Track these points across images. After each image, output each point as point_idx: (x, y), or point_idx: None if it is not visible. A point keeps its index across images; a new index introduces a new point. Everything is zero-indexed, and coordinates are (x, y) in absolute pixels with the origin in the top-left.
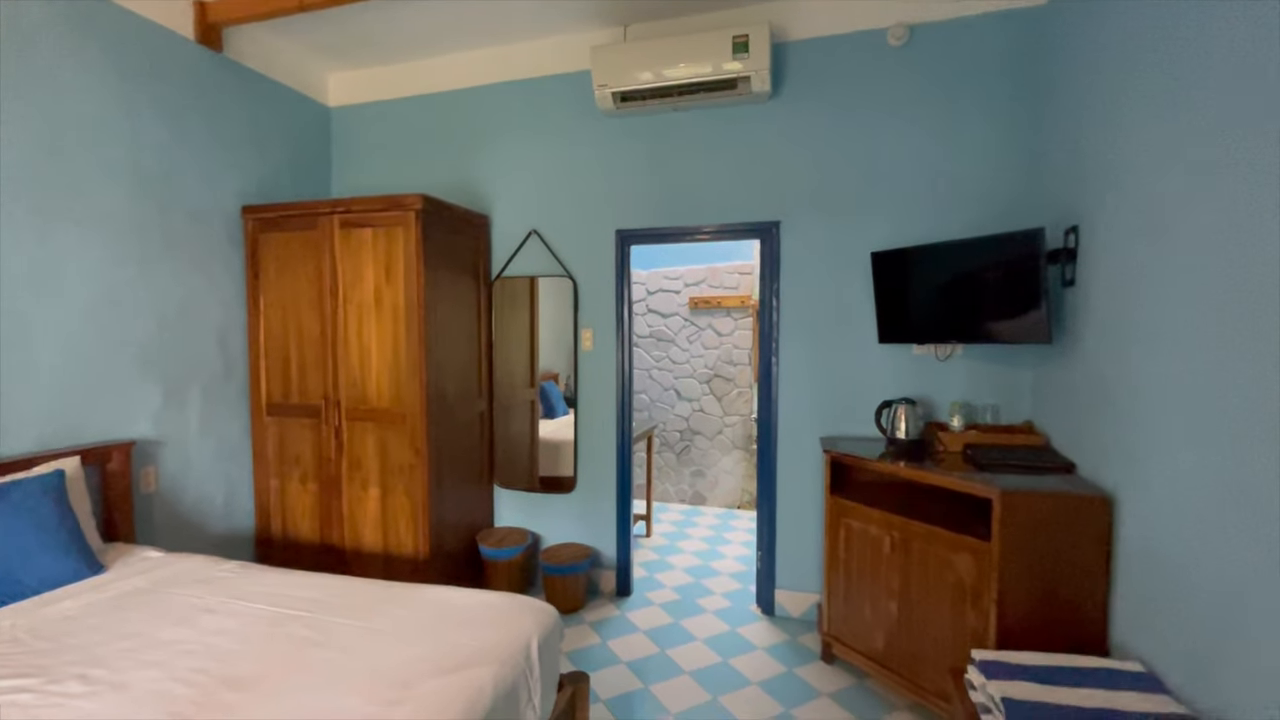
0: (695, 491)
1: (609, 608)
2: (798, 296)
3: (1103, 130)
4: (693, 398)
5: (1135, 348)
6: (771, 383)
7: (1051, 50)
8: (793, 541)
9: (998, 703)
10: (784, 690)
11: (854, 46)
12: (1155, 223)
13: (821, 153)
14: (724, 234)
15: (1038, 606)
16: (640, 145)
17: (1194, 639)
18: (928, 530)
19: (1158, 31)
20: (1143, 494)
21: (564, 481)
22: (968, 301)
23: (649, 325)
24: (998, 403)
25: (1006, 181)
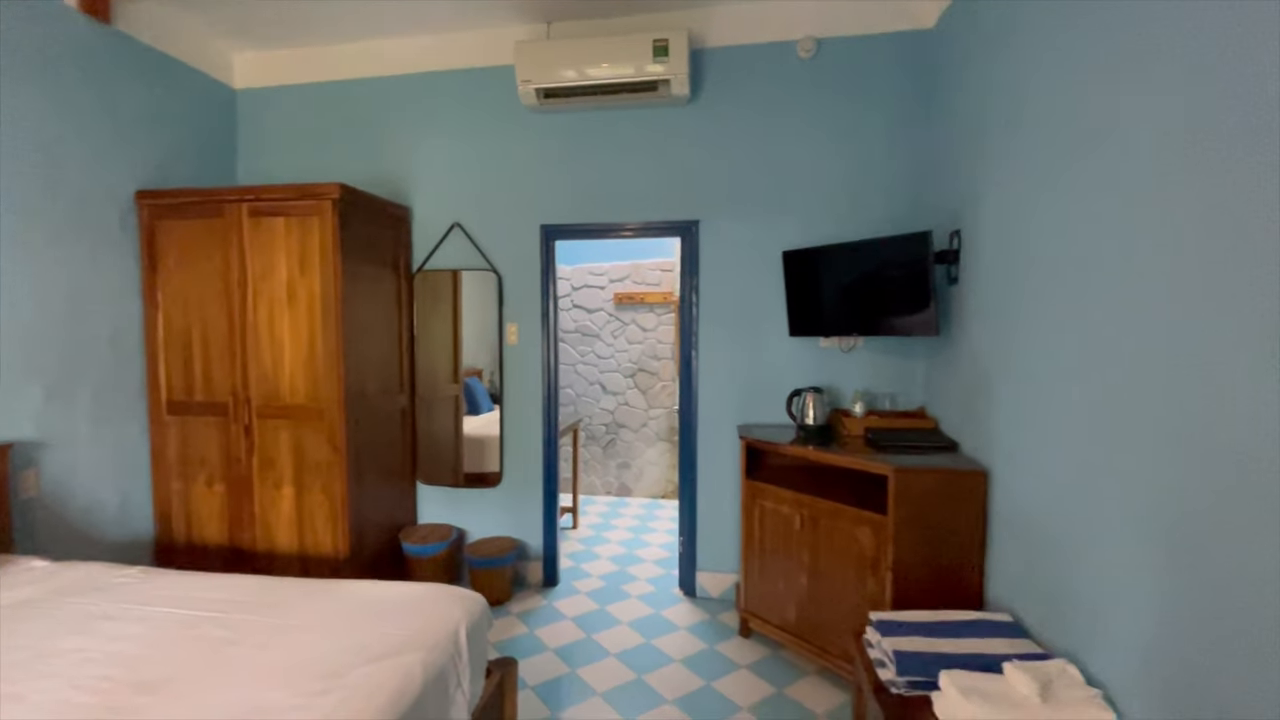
0: (621, 483)
1: (536, 598)
2: (716, 292)
3: (976, 143)
4: (618, 392)
5: (1002, 339)
6: (691, 375)
7: (937, 70)
8: (712, 525)
9: (890, 656)
10: (704, 665)
11: (767, 56)
12: (1013, 227)
13: (737, 155)
14: (646, 231)
15: (927, 570)
16: (564, 141)
17: (1048, 590)
18: (833, 507)
19: (1007, 68)
20: (1010, 468)
21: (489, 477)
22: (868, 297)
23: (574, 320)
24: (895, 390)
25: (904, 187)
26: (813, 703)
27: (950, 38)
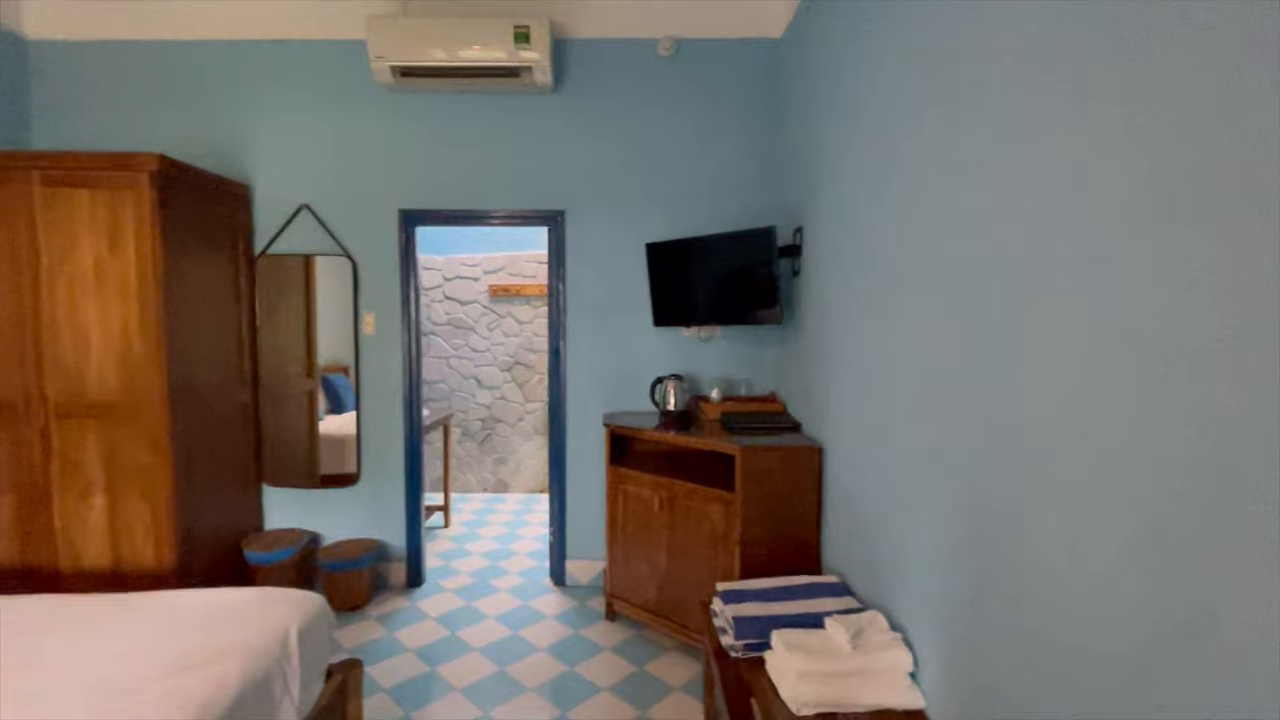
0: (498, 479)
1: (398, 600)
2: (583, 283)
3: (816, 147)
4: (494, 386)
5: (833, 326)
6: (560, 365)
7: (784, 76)
8: (582, 514)
9: (730, 622)
10: (569, 651)
11: (629, 52)
12: (845, 226)
13: (602, 148)
14: (513, 220)
15: (772, 541)
16: (425, 124)
17: (865, 551)
18: (689, 488)
19: (842, 81)
20: (838, 443)
21: (346, 478)
22: (723, 289)
23: (447, 313)
24: (750, 377)
25: (757, 185)
26: (671, 676)
27: (795, 47)
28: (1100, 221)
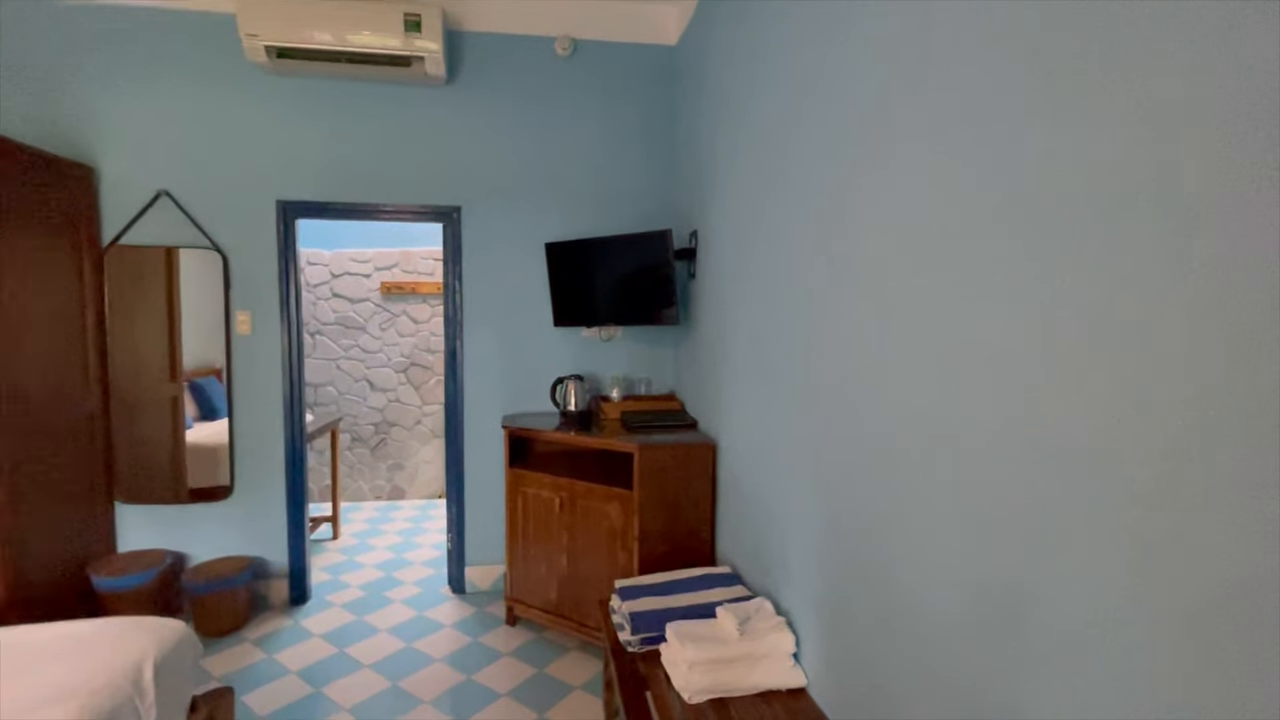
0: (394, 486)
1: (280, 620)
2: (481, 281)
3: (710, 155)
4: (388, 388)
5: (727, 329)
6: (457, 366)
7: (679, 84)
8: (482, 518)
9: (627, 617)
10: (468, 660)
11: (527, 49)
12: (736, 232)
13: (499, 144)
14: (404, 214)
15: (668, 536)
16: (308, 110)
17: (754, 541)
18: (588, 487)
19: (731, 95)
20: (731, 439)
21: (217, 491)
22: (623, 290)
23: (335, 311)
24: (650, 376)
25: (655, 188)
26: (571, 676)
27: (688, 57)
28: (949, 244)
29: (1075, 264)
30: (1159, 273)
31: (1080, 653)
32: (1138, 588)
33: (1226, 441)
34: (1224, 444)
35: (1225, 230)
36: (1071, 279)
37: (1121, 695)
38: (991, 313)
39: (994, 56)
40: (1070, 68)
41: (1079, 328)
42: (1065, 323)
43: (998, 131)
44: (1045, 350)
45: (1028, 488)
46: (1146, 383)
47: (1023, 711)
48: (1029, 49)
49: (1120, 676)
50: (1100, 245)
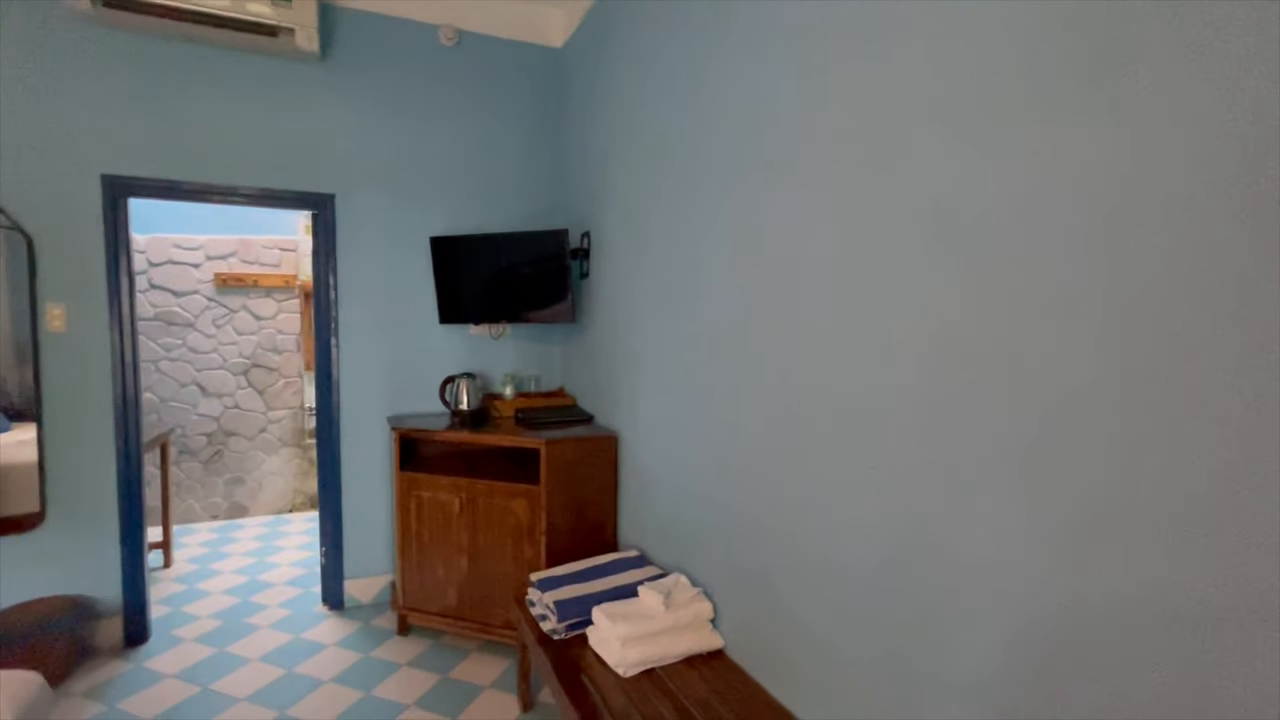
0: (234, 503)
1: (116, 664)
2: (359, 275)
3: (602, 159)
4: (224, 393)
5: (624, 326)
6: (331, 367)
7: (567, 86)
8: (363, 528)
9: (552, 607)
10: (361, 676)
11: (409, 33)
12: (632, 234)
13: (379, 131)
14: (268, 200)
15: (575, 527)
16: (151, 75)
17: (662, 523)
18: (490, 486)
19: (623, 103)
20: (633, 430)
21: (18, 520)
22: (514, 287)
23: (154, 305)
24: (539, 373)
25: (542, 186)
26: (479, 677)
27: (578, 61)
28: (828, 247)
29: (957, 260)
30: (1024, 270)
31: (975, 589)
32: (1023, 528)
33: (1089, 410)
34: (1086, 412)
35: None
36: (953, 273)
37: (1009, 627)
38: (887, 303)
39: (875, 63)
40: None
41: (962, 316)
42: (949, 311)
43: (888, 137)
44: (932, 335)
45: (921, 451)
46: (1017, 364)
47: (930, 643)
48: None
49: (1009, 605)
50: (977, 246)
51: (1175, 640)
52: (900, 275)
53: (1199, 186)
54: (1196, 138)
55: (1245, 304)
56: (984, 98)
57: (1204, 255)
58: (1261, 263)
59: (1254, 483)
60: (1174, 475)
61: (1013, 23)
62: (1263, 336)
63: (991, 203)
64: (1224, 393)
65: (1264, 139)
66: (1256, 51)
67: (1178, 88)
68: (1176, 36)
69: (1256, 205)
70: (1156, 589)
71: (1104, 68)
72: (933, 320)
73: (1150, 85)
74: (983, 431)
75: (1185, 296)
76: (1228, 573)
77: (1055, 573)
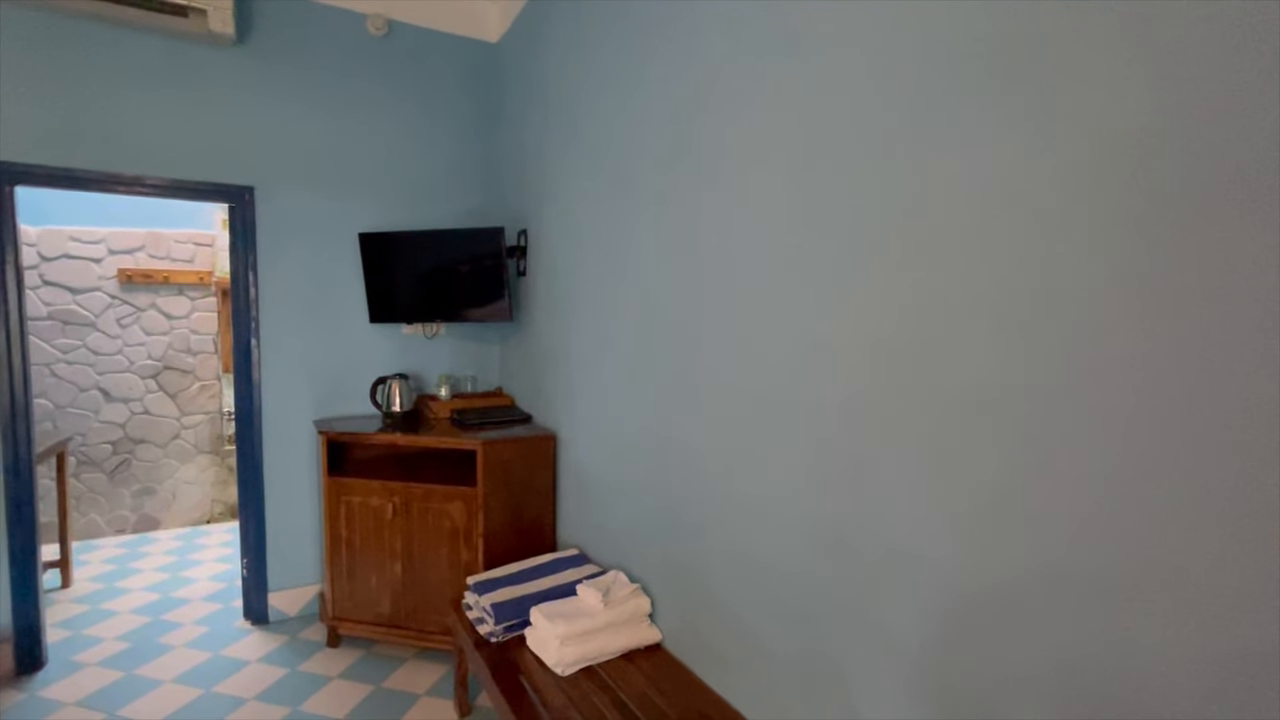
0: (143, 515)
1: (5, 694)
2: (280, 272)
3: (538, 154)
4: (132, 398)
5: (562, 324)
6: (252, 368)
7: (502, 82)
8: (288, 537)
9: (489, 610)
10: (289, 692)
11: (336, 21)
12: (570, 233)
13: (303, 122)
14: (179, 191)
15: (514, 529)
16: (43, 53)
17: (600, 521)
18: (425, 489)
19: (563, 102)
20: (571, 428)
21: None
22: (447, 286)
23: (47, 303)
24: (476, 373)
25: (474, 183)
26: (414, 685)
27: (513, 57)
28: (768, 247)
29: (876, 263)
30: (931, 273)
31: (890, 571)
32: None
33: (1000, 406)
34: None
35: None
36: (871, 275)
37: (916, 607)
38: (811, 305)
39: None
40: None
41: (880, 318)
42: (869, 313)
43: (814, 142)
44: (855, 335)
45: (844, 445)
46: (930, 365)
47: (857, 629)
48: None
49: (926, 589)
50: (891, 251)
51: (1068, 611)
52: (823, 278)
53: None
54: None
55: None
56: (916, 99)
57: (1083, 256)
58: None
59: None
60: (1069, 463)
61: (929, 34)
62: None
63: (912, 205)
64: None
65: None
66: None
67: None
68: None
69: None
70: (1054, 566)
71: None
72: (855, 321)
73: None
74: (897, 426)
75: (1055, 295)
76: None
77: (966, 557)
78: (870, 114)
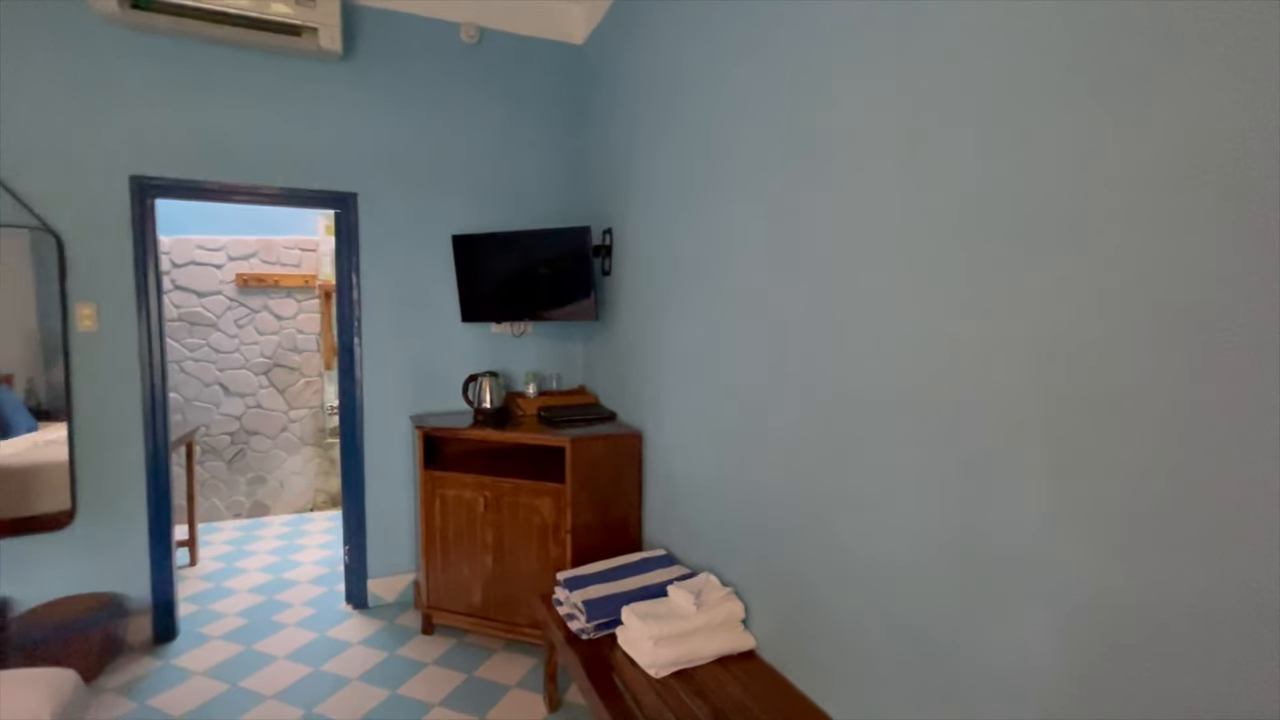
0: (256, 501)
1: (146, 661)
2: (380, 274)
3: (624, 152)
4: (247, 392)
5: (648, 323)
6: (355, 366)
7: (588, 84)
8: (386, 527)
9: (580, 606)
10: (387, 675)
11: (432, 32)
12: (657, 232)
13: (400, 129)
14: (291, 199)
15: (600, 526)
16: (175, 75)
17: (689, 522)
18: (515, 484)
19: (649, 101)
20: (657, 427)
21: (50, 518)
22: (534, 285)
23: (177, 305)
24: (560, 371)
25: (562, 183)
26: (505, 676)
27: (600, 58)
28: (885, 251)
29: (1009, 269)
30: (1076, 268)
31: (1018, 589)
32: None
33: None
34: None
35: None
36: (1012, 282)
37: (1058, 632)
38: (924, 300)
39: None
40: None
41: (993, 309)
42: (984, 306)
43: (927, 135)
44: (970, 330)
45: (958, 445)
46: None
47: (972, 643)
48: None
49: (1056, 613)
50: (1021, 246)
51: (1214, 640)
52: (941, 271)
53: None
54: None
55: None
56: (1020, 82)
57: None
58: None
59: None
60: (1232, 472)
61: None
62: None
63: (1067, 189)
64: None
65: None
66: None
67: None
68: None
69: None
70: (1200, 587)
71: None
72: (969, 315)
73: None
74: (1036, 426)
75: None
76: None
77: (1100, 567)
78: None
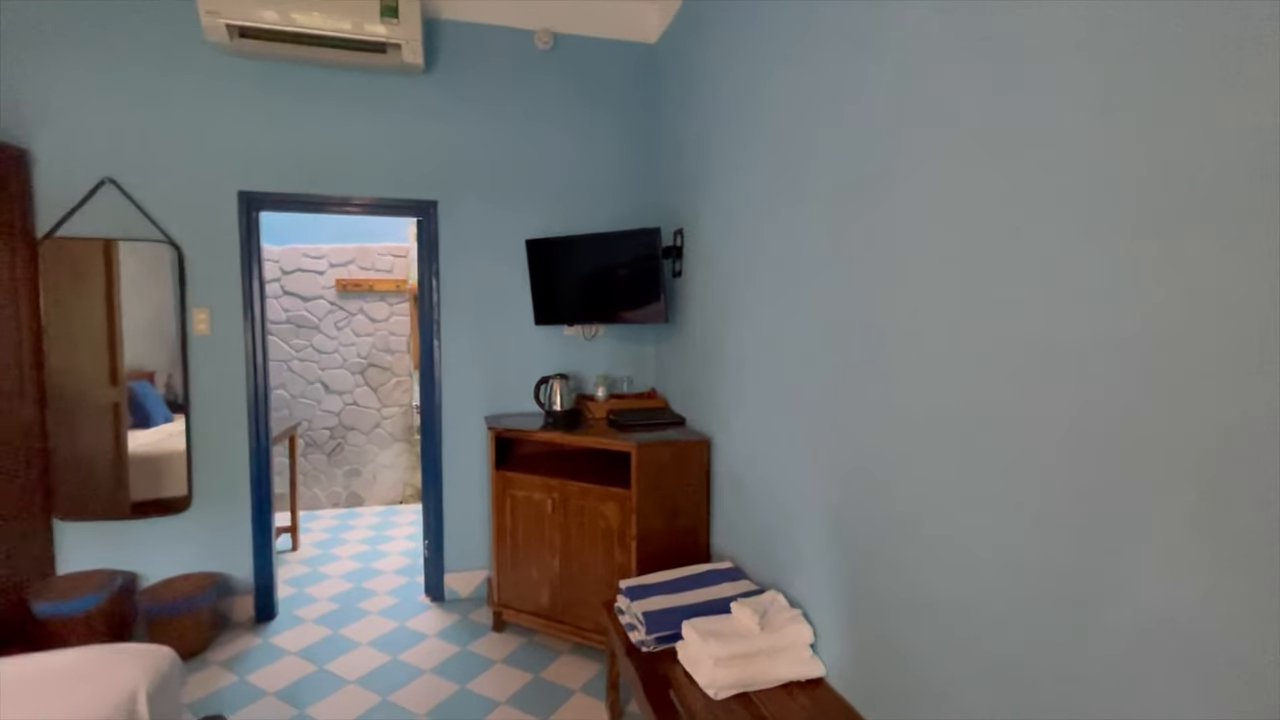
0: (351, 492)
1: (248, 638)
2: (458, 279)
3: (697, 153)
4: (344, 390)
5: (718, 327)
6: (434, 367)
7: (661, 83)
8: (461, 523)
9: (640, 617)
10: (458, 669)
11: (507, 40)
12: (728, 234)
13: (477, 138)
14: (378, 208)
15: (666, 534)
16: (273, 95)
17: (757, 535)
18: (582, 488)
19: (722, 98)
20: (727, 435)
21: (172, 502)
22: (605, 288)
23: (285, 309)
24: (631, 374)
25: (634, 185)
26: (570, 680)
27: (672, 56)
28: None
29: (1131, 256)
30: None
31: (1146, 652)
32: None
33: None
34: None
35: None
36: (1117, 283)
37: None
38: (1039, 306)
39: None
40: None
41: (1130, 323)
42: (1119, 318)
43: (1048, 137)
44: (1099, 345)
45: (1084, 477)
46: (1192, 383)
47: (1077, 704)
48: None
49: (1194, 680)
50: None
51: None
52: (1060, 283)
53: None
54: None
55: None
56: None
57: None
58: None
59: None
60: None
61: None
62: None
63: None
64: None
65: None
66: None
67: None
68: None
69: None
70: None
71: None
72: (1091, 326)
73: None
74: (1161, 456)
75: None
76: None
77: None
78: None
